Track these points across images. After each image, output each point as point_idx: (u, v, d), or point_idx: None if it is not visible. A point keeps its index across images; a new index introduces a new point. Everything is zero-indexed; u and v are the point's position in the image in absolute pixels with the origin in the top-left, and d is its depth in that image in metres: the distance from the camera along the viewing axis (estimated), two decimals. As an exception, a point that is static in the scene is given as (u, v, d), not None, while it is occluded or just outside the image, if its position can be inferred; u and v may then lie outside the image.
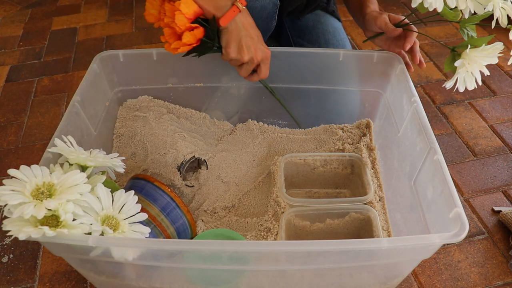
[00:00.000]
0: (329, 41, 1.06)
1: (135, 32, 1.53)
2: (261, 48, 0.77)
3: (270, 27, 0.90)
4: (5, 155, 1.06)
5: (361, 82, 0.92)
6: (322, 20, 1.09)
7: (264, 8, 0.81)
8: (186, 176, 0.88)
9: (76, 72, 1.34)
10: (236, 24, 0.73)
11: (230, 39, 0.74)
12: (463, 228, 0.55)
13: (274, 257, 0.59)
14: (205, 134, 0.97)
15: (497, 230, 0.87)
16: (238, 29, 0.74)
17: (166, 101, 0.98)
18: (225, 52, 0.76)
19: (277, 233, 0.76)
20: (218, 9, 0.72)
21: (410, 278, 0.79)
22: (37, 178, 0.54)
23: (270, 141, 0.97)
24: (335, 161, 0.88)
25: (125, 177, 0.89)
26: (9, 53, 1.44)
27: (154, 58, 0.90)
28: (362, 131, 0.95)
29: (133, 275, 0.65)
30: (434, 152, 0.67)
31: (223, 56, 0.78)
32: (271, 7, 0.83)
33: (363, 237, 0.78)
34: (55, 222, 0.53)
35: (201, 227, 0.80)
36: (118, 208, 0.59)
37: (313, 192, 0.91)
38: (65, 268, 0.81)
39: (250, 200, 0.87)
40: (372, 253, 0.57)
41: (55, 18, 1.63)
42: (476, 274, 0.80)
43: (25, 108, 1.20)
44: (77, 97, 0.78)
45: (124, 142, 0.92)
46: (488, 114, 1.14)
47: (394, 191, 0.82)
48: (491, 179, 0.97)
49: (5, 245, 0.86)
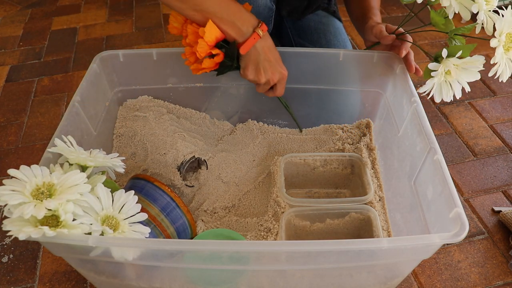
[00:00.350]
0: (330, 42, 1.06)
1: (135, 32, 1.53)
2: (278, 70, 0.79)
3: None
4: (5, 155, 1.06)
5: (361, 82, 0.92)
6: (324, 21, 1.09)
7: (259, 14, 0.82)
8: (186, 176, 0.88)
9: (76, 72, 1.34)
10: (256, 49, 0.75)
11: (248, 62, 0.77)
12: (463, 228, 0.55)
13: (274, 257, 0.59)
14: (205, 134, 0.97)
15: (497, 230, 0.87)
16: (257, 53, 0.76)
17: (166, 101, 0.98)
18: (243, 73, 0.78)
19: (277, 233, 0.76)
20: (240, 35, 0.73)
21: (410, 278, 0.79)
22: (37, 178, 0.54)
23: (270, 141, 0.97)
24: (335, 161, 0.88)
25: (125, 177, 0.89)
26: (9, 53, 1.44)
27: (154, 58, 0.90)
28: (362, 131, 0.95)
29: (133, 275, 0.65)
30: (434, 152, 0.67)
31: (241, 75, 0.80)
32: (266, 12, 0.84)
33: (363, 237, 0.78)
34: (55, 222, 0.53)
35: (201, 227, 0.80)
36: (118, 208, 0.59)
37: (313, 192, 0.91)
38: (65, 268, 0.81)
39: (250, 200, 0.87)
40: (372, 253, 0.57)
41: (55, 18, 1.63)
42: (476, 274, 0.80)
43: (25, 108, 1.20)
44: (77, 97, 0.78)
45: (124, 142, 0.92)
46: (488, 114, 1.14)
47: (394, 191, 0.82)
48: (491, 179, 0.97)
49: (5, 245, 0.86)
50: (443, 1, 0.67)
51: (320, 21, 1.09)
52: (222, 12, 0.71)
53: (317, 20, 1.09)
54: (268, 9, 0.85)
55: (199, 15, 0.71)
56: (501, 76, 0.68)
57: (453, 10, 0.68)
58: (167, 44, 1.46)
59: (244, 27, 0.73)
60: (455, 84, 0.70)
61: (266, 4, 0.83)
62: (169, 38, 1.49)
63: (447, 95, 0.71)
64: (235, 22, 0.72)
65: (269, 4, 0.84)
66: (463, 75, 0.69)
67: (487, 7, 0.66)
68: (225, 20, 0.71)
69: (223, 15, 0.71)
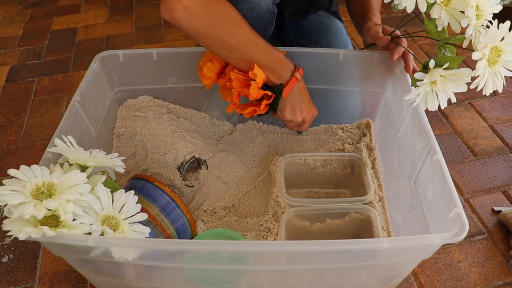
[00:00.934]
0: (331, 42, 1.06)
1: (135, 32, 1.53)
2: (311, 110, 0.85)
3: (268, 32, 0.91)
4: (5, 155, 1.06)
5: (361, 82, 0.92)
6: (325, 21, 1.09)
7: (261, 17, 0.83)
8: (186, 176, 0.88)
9: (76, 72, 1.34)
10: (293, 91, 0.80)
11: (286, 104, 0.81)
12: (463, 228, 0.55)
13: (274, 257, 0.59)
14: (205, 134, 0.97)
15: (497, 230, 0.87)
16: (294, 95, 0.81)
17: (166, 101, 0.98)
18: (280, 114, 0.83)
19: (277, 233, 0.76)
20: (281, 79, 0.79)
21: (410, 278, 0.79)
22: (37, 178, 0.54)
23: (270, 141, 0.97)
24: (335, 161, 0.88)
25: (125, 177, 0.89)
26: (9, 53, 1.44)
27: (154, 58, 0.90)
28: (362, 131, 0.95)
29: (133, 275, 0.65)
30: (434, 152, 0.67)
31: (278, 116, 0.84)
32: (268, 15, 0.85)
33: (363, 237, 0.78)
34: (55, 222, 0.53)
35: (201, 227, 0.80)
36: (118, 208, 0.59)
37: (313, 192, 0.91)
38: (65, 268, 0.81)
39: (250, 200, 0.87)
40: (372, 253, 0.57)
41: (55, 18, 1.63)
42: (476, 274, 0.80)
43: (25, 108, 1.20)
44: (77, 97, 0.78)
45: (124, 142, 0.92)
46: (488, 114, 1.14)
47: (394, 191, 0.82)
48: (491, 179, 0.97)
49: (5, 245, 0.86)
50: (433, 13, 0.67)
51: (321, 21, 1.09)
52: (265, 59, 0.76)
53: (318, 20, 1.09)
54: (270, 12, 0.85)
55: (244, 62, 0.76)
56: (484, 89, 0.68)
57: (442, 23, 0.67)
58: (167, 44, 1.46)
59: (283, 71, 0.78)
60: (441, 94, 0.70)
61: (269, 8, 0.83)
62: (169, 38, 1.49)
63: (432, 104, 0.71)
64: (276, 67, 0.77)
65: (271, 7, 0.84)
66: (449, 86, 0.69)
67: (477, 22, 0.65)
68: (266, 65, 0.77)
69: (265, 61, 0.76)
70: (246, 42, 0.75)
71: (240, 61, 0.76)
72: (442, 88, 0.69)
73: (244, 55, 0.76)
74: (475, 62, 0.66)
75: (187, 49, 0.91)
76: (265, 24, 0.86)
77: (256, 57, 0.76)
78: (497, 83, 0.68)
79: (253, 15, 0.81)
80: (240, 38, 0.74)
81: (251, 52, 0.76)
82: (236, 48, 0.75)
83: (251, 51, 0.75)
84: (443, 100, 0.70)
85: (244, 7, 0.79)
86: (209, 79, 0.85)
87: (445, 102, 0.70)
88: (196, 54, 0.89)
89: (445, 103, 0.71)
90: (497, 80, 0.68)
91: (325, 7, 1.09)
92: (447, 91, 0.70)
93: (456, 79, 0.68)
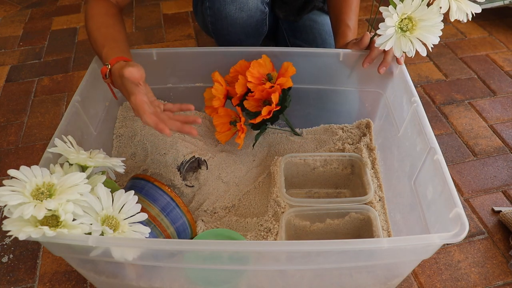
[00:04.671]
0: (326, 41, 1.06)
1: (135, 32, 1.53)
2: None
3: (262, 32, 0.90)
4: (5, 155, 1.06)
5: (361, 82, 0.92)
6: (319, 20, 1.09)
7: (251, 17, 0.82)
8: (186, 176, 0.88)
9: (76, 72, 1.34)
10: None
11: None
12: (463, 228, 0.55)
13: (274, 257, 0.59)
14: (205, 134, 0.97)
15: (497, 230, 0.87)
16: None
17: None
18: None
19: (277, 233, 0.76)
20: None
21: (410, 278, 0.79)
22: (37, 178, 0.54)
23: (270, 141, 0.97)
24: (335, 161, 0.88)
25: (125, 177, 0.89)
26: (9, 53, 1.44)
27: (154, 58, 0.90)
28: (362, 131, 0.95)
29: (133, 275, 0.65)
30: (434, 152, 0.67)
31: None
32: (258, 15, 0.84)
33: (363, 237, 0.78)
34: (55, 222, 0.53)
35: (201, 227, 0.80)
36: (118, 208, 0.59)
37: (313, 192, 0.91)
38: (65, 268, 0.81)
39: (250, 200, 0.87)
40: (372, 253, 0.57)
41: (55, 18, 1.63)
42: (476, 274, 0.80)
43: (25, 108, 1.20)
44: (77, 97, 0.78)
45: (124, 142, 0.92)
46: (488, 114, 1.14)
47: (394, 191, 0.82)
48: (491, 179, 0.97)
49: (5, 245, 0.86)
50: None
51: (316, 20, 1.09)
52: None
53: (312, 19, 1.09)
54: (261, 11, 0.85)
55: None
56: (391, 48, 0.70)
57: None
58: (167, 44, 1.46)
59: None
60: (415, 40, 0.70)
61: (258, 7, 0.83)
62: (169, 38, 1.49)
63: (406, 46, 0.71)
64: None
65: (260, 6, 0.84)
66: (422, 27, 0.70)
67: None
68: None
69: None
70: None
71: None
72: (415, 27, 0.69)
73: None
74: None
75: (187, 49, 0.91)
76: (257, 24, 0.86)
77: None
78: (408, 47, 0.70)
79: (242, 15, 0.80)
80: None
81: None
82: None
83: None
84: (419, 44, 0.71)
85: (233, 9, 0.78)
86: (218, 100, 0.87)
87: (422, 47, 0.71)
88: (196, 54, 0.90)
89: (423, 49, 0.71)
90: (409, 44, 0.69)
91: (319, 7, 1.09)
92: (420, 36, 0.70)
93: (426, 20, 0.68)
